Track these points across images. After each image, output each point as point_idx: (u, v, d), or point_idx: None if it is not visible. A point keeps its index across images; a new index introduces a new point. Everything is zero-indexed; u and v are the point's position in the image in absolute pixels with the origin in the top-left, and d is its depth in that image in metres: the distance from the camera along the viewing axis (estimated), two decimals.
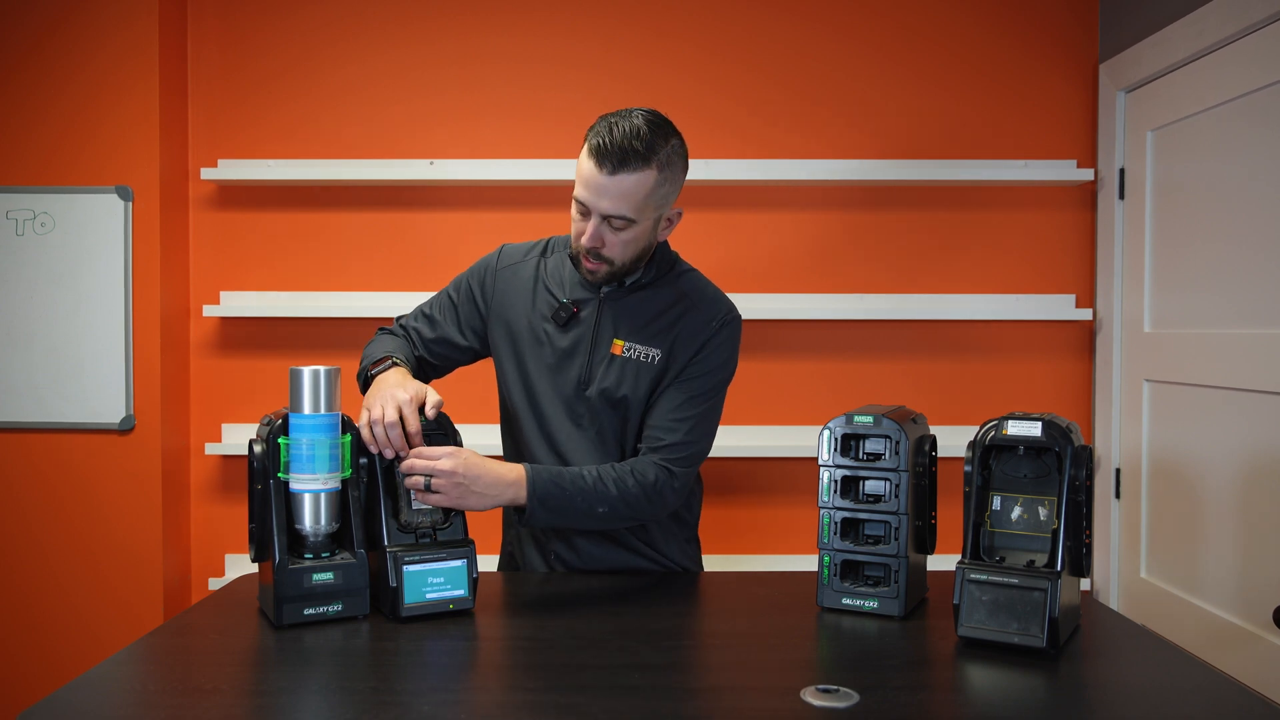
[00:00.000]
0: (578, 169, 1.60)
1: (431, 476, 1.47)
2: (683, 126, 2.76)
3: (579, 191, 1.59)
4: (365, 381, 1.68)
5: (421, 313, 1.85)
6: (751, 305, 2.57)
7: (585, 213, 1.59)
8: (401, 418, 1.49)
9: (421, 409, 1.52)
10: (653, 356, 1.67)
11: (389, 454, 1.49)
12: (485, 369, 1.89)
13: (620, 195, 1.55)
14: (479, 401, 2.76)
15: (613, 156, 1.54)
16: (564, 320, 1.69)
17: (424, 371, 1.81)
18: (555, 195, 2.80)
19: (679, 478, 1.65)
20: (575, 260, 1.67)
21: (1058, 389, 2.82)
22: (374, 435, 1.48)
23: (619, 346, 1.68)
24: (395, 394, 1.51)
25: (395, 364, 1.66)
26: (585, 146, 1.59)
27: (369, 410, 1.50)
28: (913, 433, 1.51)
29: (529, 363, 1.72)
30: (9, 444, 2.66)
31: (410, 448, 1.49)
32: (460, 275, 1.85)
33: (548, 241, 1.82)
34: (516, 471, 1.55)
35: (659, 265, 1.72)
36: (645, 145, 1.55)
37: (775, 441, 2.79)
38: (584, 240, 1.60)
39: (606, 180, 1.55)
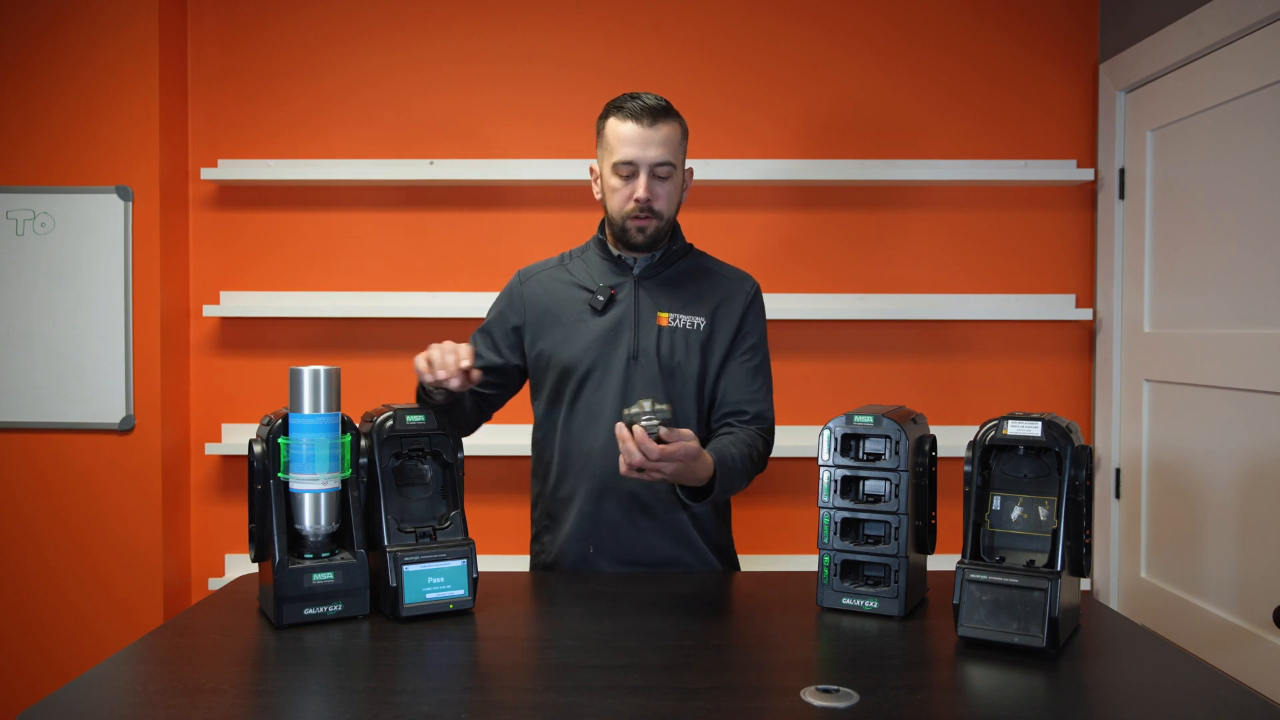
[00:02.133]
0: (609, 140, 1.78)
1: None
2: None
3: (623, 153, 1.75)
4: (421, 392, 1.71)
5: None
6: None
7: (631, 173, 1.76)
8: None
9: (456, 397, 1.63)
10: (697, 324, 1.82)
11: (443, 375, 1.53)
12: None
13: (663, 142, 1.75)
14: None
15: (649, 112, 1.75)
16: (602, 305, 1.81)
17: (478, 406, 1.88)
18: (555, 195, 2.80)
19: (771, 441, 1.86)
20: (622, 230, 1.79)
21: (1058, 389, 2.82)
22: (432, 359, 1.55)
23: (664, 318, 1.81)
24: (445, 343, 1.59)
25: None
26: (612, 119, 1.78)
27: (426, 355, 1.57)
28: (913, 433, 1.51)
29: (578, 345, 1.81)
30: (9, 444, 2.66)
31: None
32: (488, 314, 1.94)
33: (561, 255, 1.94)
34: (709, 462, 1.63)
35: (679, 238, 1.88)
36: (667, 104, 1.80)
37: (775, 441, 2.78)
38: (640, 194, 1.75)
39: (650, 131, 1.74)
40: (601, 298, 1.81)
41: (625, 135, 1.75)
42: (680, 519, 1.81)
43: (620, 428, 1.51)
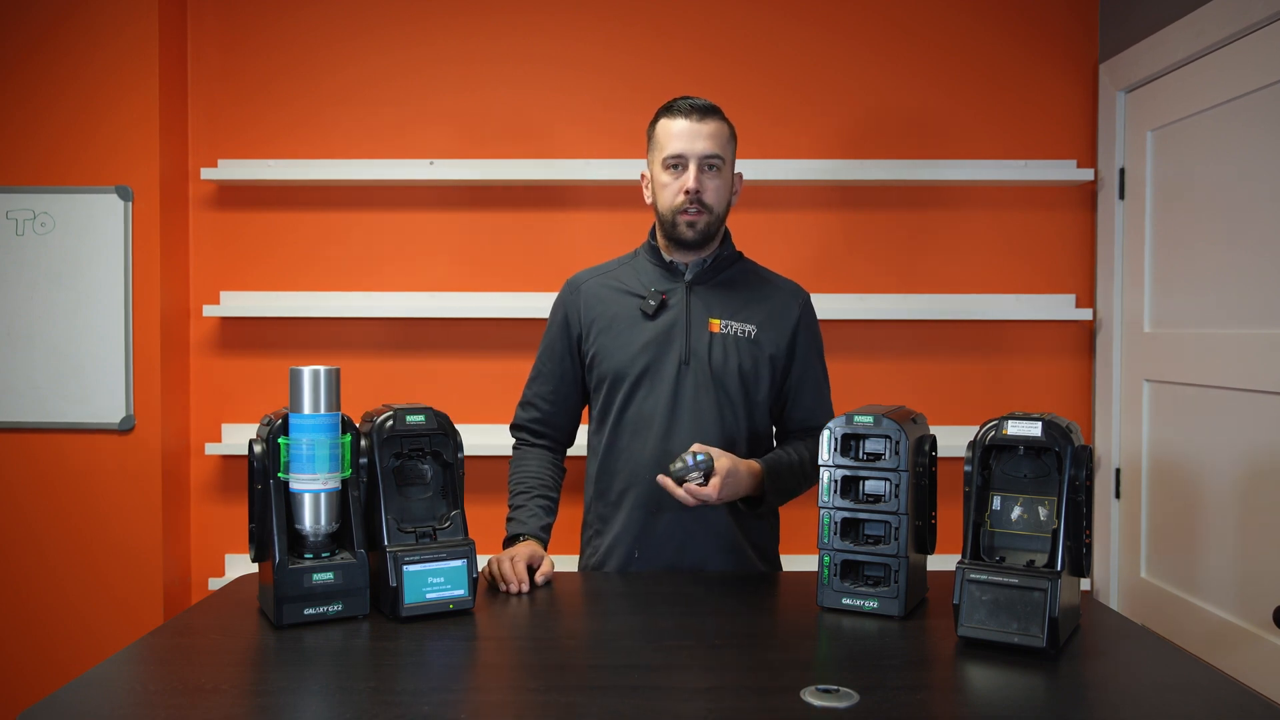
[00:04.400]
0: (659, 139, 1.82)
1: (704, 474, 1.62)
2: None
3: (673, 148, 1.79)
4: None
5: (531, 379, 1.96)
6: None
7: (681, 165, 1.79)
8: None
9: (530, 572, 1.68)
10: (749, 331, 1.84)
11: (513, 588, 1.62)
12: (479, 371, 1.89)
13: (712, 136, 1.79)
14: (480, 403, 2.76)
15: (698, 109, 1.81)
16: (654, 309, 1.83)
17: (573, 411, 1.95)
18: (556, 195, 2.80)
19: None
20: (672, 225, 1.82)
21: (1058, 389, 2.82)
22: (502, 572, 1.64)
23: (716, 325, 1.83)
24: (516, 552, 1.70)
25: (523, 538, 1.79)
26: (662, 120, 1.83)
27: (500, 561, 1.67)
28: (913, 433, 1.51)
29: (630, 349, 1.83)
30: (9, 444, 2.66)
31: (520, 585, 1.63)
32: (546, 331, 1.96)
33: (614, 261, 1.96)
34: (755, 469, 1.73)
35: (730, 245, 1.91)
36: (715, 105, 1.84)
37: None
38: (690, 184, 1.78)
39: (699, 125, 1.79)
40: (653, 302, 1.83)
41: (675, 131, 1.80)
42: (726, 523, 1.82)
43: (666, 481, 1.61)
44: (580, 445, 2.01)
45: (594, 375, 1.88)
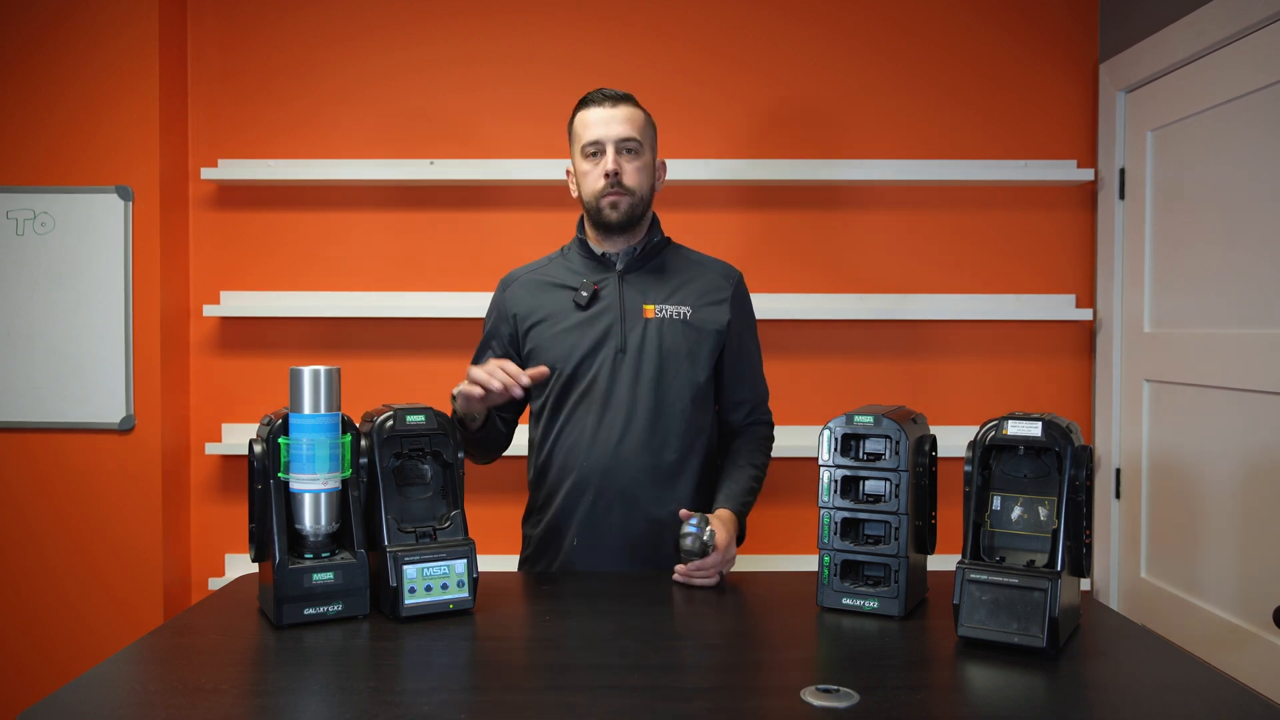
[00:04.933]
0: (577, 131, 1.87)
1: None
2: (682, 126, 2.77)
3: (589, 135, 1.83)
4: (455, 418, 1.77)
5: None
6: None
7: (599, 150, 1.83)
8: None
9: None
10: (684, 313, 1.86)
11: (495, 385, 1.60)
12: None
13: (626, 120, 1.83)
14: None
15: (610, 97, 1.85)
16: (586, 300, 1.85)
17: (506, 422, 1.95)
18: (555, 195, 2.80)
19: (771, 423, 2.01)
20: (596, 211, 1.85)
21: (1058, 389, 2.82)
22: (480, 377, 1.62)
23: (651, 310, 1.85)
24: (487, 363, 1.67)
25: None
26: (578, 112, 1.88)
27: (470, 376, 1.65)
28: (913, 433, 1.51)
29: (565, 342, 1.84)
30: (9, 444, 2.66)
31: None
32: (485, 328, 1.99)
33: (545, 257, 1.99)
34: (732, 519, 1.78)
35: (658, 231, 1.94)
36: (628, 94, 1.89)
37: (775, 441, 2.78)
38: (609, 165, 1.81)
39: (612, 110, 1.83)
40: (585, 294, 1.84)
41: (590, 119, 1.85)
42: (669, 510, 1.81)
43: (682, 575, 1.64)
44: (520, 445, 2.03)
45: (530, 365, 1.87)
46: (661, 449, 1.81)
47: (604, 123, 1.82)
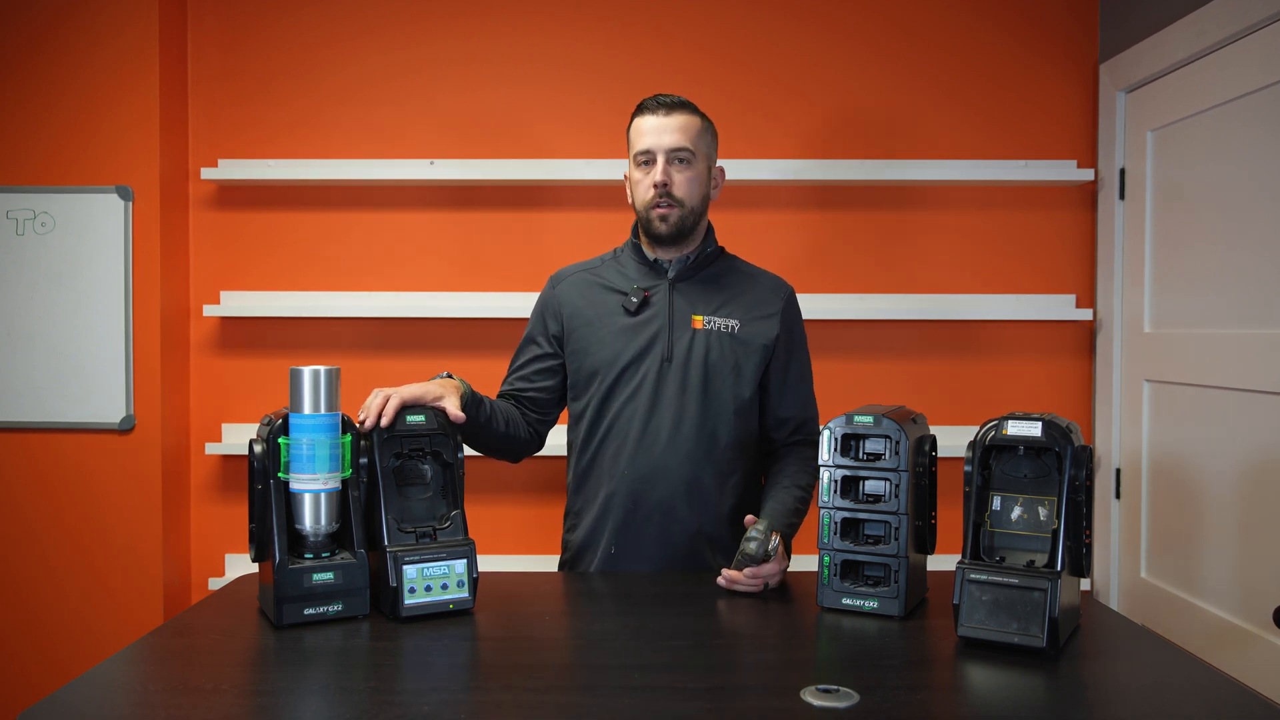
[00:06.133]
0: (631, 138, 1.84)
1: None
2: None
3: (641, 144, 1.81)
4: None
5: (510, 371, 1.96)
6: None
7: (650, 160, 1.81)
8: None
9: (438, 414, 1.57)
10: (732, 326, 1.84)
11: (368, 421, 1.50)
12: (480, 371, 1.89)
13: (679, 129, 1.80)
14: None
15: (665, 104, 1.82)
16: (635, 306, 1.83)
17: (524, 408, 1.90)
18: (556, 195, 2.80)
19: (816, 444, 1.87)
20: (646, 221, 1.83)
21: (1058, 389, 2.82)
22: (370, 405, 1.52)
23: (699, 321, 1.83)
24: (402, 389, 1.56)
25: (447, 377, 1.72)
26: (634, 119, 1.84)
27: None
28: (913, 433, 1.51)
29: (611, 346, 1.82)
30: (9, 444, 2.66)
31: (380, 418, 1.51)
32: (529, 323, 1.96)
33: (598, 258, 1.96)
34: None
35: (713, 241, 1.91)
36: (687, 100, 1.85)
37: None
38: (657, 177, 1.78)
39: (665, 119, 1.80)
40: (635, 299, 1.82)
41: (643, 127, 1.82)
42: (707, 523, 1.81)
43: (728, 580, 1.61)
44: (556, 445, 2.01)
45: (574, 371, 1.87)
46: (704, 462, 1.79)
47: (656, 131, 1.79)
